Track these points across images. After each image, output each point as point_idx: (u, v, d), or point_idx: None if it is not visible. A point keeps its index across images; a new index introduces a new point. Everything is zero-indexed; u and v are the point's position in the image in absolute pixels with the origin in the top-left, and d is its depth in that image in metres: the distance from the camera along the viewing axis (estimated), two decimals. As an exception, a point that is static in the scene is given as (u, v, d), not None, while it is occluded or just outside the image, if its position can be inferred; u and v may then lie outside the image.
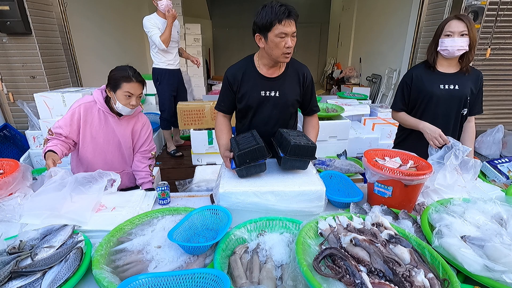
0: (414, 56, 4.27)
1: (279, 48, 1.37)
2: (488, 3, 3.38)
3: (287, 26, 1.33)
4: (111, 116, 1.67)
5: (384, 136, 3.36)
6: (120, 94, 1.57)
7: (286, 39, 1.35)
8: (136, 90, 1.59)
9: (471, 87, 1.71)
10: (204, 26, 7.90)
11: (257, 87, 1.52)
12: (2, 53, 3.27)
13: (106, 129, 1.67)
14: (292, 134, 1.39)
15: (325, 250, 0.87)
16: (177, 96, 3.55)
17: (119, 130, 1.71)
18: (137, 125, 1.79)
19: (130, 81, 1.56)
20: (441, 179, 1.39)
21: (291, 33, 1.35)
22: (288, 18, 1.32)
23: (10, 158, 1.49)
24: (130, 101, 1.59)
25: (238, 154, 1.26)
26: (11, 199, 1.27)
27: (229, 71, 1.55)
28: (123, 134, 1.73)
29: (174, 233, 1.04)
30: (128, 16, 5.96)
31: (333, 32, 9.97)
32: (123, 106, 1.60)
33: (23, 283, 0.86)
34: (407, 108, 1.86)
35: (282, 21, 1.32)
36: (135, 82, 1.58)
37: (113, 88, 1.58)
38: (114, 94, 1.58)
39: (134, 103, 1.61)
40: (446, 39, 1.62)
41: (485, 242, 0.92)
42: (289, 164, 1.32)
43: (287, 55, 1.41)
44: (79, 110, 1.61)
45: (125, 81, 1.55)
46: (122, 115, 1.69)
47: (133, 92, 1.58)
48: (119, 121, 1.70)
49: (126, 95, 1.57)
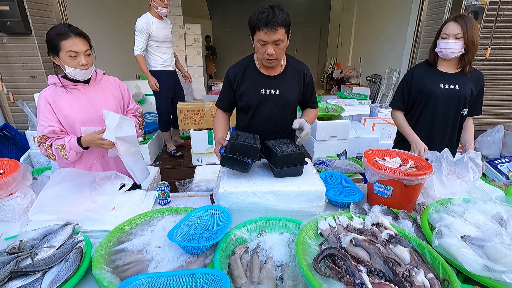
0: (414, 56, 4.27)
1: (260, 53, 1.38)
2: (488, 3, 3.38)
3: (265, 34, 1.29)
4: (80, 88, 1.51)
5: (384, 136, 3.36)
6: (64, 56, 1.39)
7: (266, 46, 1.34)
8: (79, 47, 1.39)
9: (472, 88, 1.71)
10: (204, 26, 7.91)
11: (257, 85, 1.53)
12: (2, 53, 3.27)
13: (79, 104, 1.49)
14: (278, 144, 1.39)
15: (325, 250, 0.87)
16: (174, 98, 3.51)
17: (96, 101, 1.53)
18: (115, 90, 1.62)
19: (67, 37, 1.36)
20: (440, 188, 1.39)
21: (272, 41, 1.31)
22: (266, 26, 1.26)
23: (10, 158, 1.49)
24: (78, 61, 1.40)
25: (233, 142, 1.26)
26: (11, 199, 1.27)
27: (230, 70, 1.56)
28: (102, 103, 1.54)
29: (174, 233, 1.04)
30: (128, 16, 5.94)
31: (333, 32, 9.98)
32: (74, 69, 1.41)
33: (23, 283, 0.86)
34: (406, 106, 1.87)
35: (260, 28, 1.28)
36: (74, 36, 1.38)
37: (55, 52, 1.40)
38: (59, 59, 1.41)
39: (84, 62, 1.41)
40: (441, 42, 1.63)
41: (485, 242, 0.92)
42: (282, 174, 1.32)
43: (269, 61, 1.40)
44: (45, 100, 1.47)
45: (62, 39, 1.36)
46: (88, 81, 1.52)
47: (77, 50, 1.38)
48: (91, 90, 1.53)
49: (71, 55, 1.38)
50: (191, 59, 6.92)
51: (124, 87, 1.71)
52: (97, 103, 1.53)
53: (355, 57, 7.90)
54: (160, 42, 3.17)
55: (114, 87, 1.64)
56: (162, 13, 3.10)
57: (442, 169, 1.41)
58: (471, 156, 1.46)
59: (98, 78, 1.59)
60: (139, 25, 3.04)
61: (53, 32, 1.38)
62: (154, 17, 3.09)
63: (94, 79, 1.56)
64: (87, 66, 1.44)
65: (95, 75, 1.56)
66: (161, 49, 3.21)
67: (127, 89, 1.73)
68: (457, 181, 1.40)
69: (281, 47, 1.36)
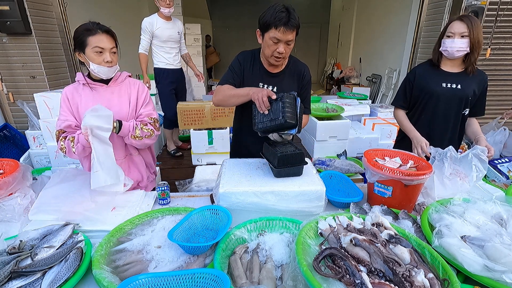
0: (414, 56, 4.27)
1: (270, 50, 1.41)
2: (488, 3, 3.38)
3: (282, 33, 1.34)
4: (98, 88, 1.51)
5: (384, 136, 3.37)
6: (89, 52, 1.40)
7: (278, 44, 1.38)
8: (105, 43, 1.40)
9: (474, 88, 1.71)
10: (204, 26, 7.91)
11: (258, 78, 1.55)
12: (2, 53, 3.27)
13: (94, 104, 1.47)
14: (278, 144, 1.39)
15: (325, 250, 0.87)
16: (176, 96, 3.56)
17: (113, 101, 1.52)
18: (134, 93, 1.58)
19: (95, 33, 1.38)
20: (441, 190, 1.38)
21: (286, 40, 1.37)
22: (285, 26, 1.31)
23: (10, 158, 1.49)
24: (103, 58, 1.41)
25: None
26: (11, 199, 1.27)
27: (241, 54, 1.58)
28: (118, 105, 1.53)
29: (174, 233, 1.04)
30: (128, 17, 5.95)
31: (333, 32, 9.98)
32: (98, 66, 1.42)
33: (23, 283, 0.86)
34: (408, 105, 1.87)
35: (278, 27, 1.32)
36: (101, 33, 1.39)
37: (81, 48, 1.41)
38: (84, 56, 1.42)
39: (109, 59, 1.42)
40: (447, 40, 1.63)
41: (485, 242, 0.92)
42: (282, 174, 1.32)
43: (277, 59, 1.43)
44: (65, 95, 1.49)
45: (89, 34, 1.38)
46: (108, 82, 1.52)
47: (103, 46, 1.40)
48: (108, 91, 1.52)
49: (96, 51, 1.39)
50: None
51: (144, 90, 1.63)
52: (112, 105, 1.51)
53: (355, 57, 7.90)
54: (163, 42, 3.28)
55: (134, 90, 1.59)
56: (165, 13, 3.18)
57: (444, 169, 1.40)
58: (476, 153, 1.42)
59: (120, 79, 1.57)
60: (143, 24, 3.20)
61: (81, 28, 1.40)
62: (160, 18, 3.21)
63: (115, 80, 1.55)
64: (111, 63, 1.45)
65: (117, 76, 1.55)
66: (164, 48, 3.32)
67: (146, 94, 1.64)
68: (458, 182, 1.40)
69: (290, 47, 1.42)
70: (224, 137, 3.29)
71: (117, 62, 1.50)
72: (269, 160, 1.38)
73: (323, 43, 11.18)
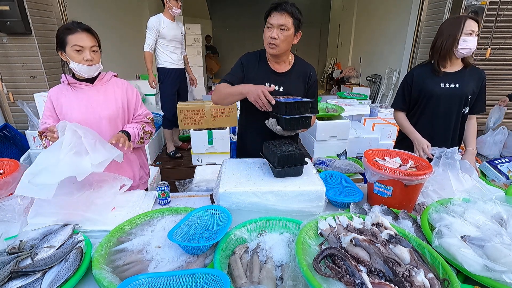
0: (414, 56, 4.28)
1: (265, 37, 1.45)
2: (488, 3, 3.38)
3: (273, 18, 1.40)
4: (83, 87, 1.51)
5: (384, 136, 3.36)
6: (69, 51, 1.40)
7: (271, 29, 1.42)
8: (85, 42, 1.40)
9: (473, 87, 1.71)
10: (204, 26, 7.91)
11: (263, 78, 1.55)
12: (2, 53, 3.27)
13: (78, 104, 1.50)
14: (278, 144, 1.40)
15: (325, 250, 0.87)
16: (178, 96, 3.58)
17: (96, 101, 1.52)
18: (120, 93, 1.58)
19: (74, 32, 1.38)
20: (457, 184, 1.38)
21: (277, 25, 1.41)
22: (275, 10, 1.40)
23: (10, 158, 1.49)
24: (83, 56, 1.41)
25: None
26: (11, 199, 1.27)
27: (245, 56, 1.60)
28: (102, 104, 1.52)
29: (174, 233, 1.04)
30: (128, 18, 5.95)
31: (333, 32, 9.98)
32: (78, 64, 1.41)
33: (23, 283, 0.86)
34: (407, 107, 1.87)
35: (271, 13, 1.42)
36: (81, 31, 1.39)
37: (62, 47, 1.42)
38: (66, 54, 1.43)
39: (89, 57, 1.41)
40: (469, 38, 1.60)
41: (485, 242, 0.92)
42: (282, 174, 1.32)
43: (271, 45, 1.46)
44: (49, 96, 1.51)
45: (69, 33, 1.39)
46: (93, 81, 1.52)
47: (82, 44, 1.39)
48: (93, 90, 1.52)
49: (76, 49, 1.39)
50: (191, 59, 6.91)
51: (133, 91, 1.65)
52: (97, 104, 1.52)
53: (355, 57, 7.90)
54: (168, 41, 3.31)
55: (120, 90, 1.59)
56: (176, 13, 3.28)
57: (457, 165, 1.41)
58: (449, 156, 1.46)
59: (105, 79, 1.56)
60: (150, 23, 3.20)
61: (62, 27, 1.42)
62: (166, 17, 3.25)
63: (101, 79, 1.54)
64: (92, 62, 1.44)
65: (102, 75, 1.55)
66: (169, 48, 3.34)
67: (137, 94, 1.67)
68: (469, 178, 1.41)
69: (285, 34, 1.42)
70: (224, 137, 3.29)
71: (99, 61, 1.49)
72: (269, 160, 1.38)
73: (323, 43, 11.18)
